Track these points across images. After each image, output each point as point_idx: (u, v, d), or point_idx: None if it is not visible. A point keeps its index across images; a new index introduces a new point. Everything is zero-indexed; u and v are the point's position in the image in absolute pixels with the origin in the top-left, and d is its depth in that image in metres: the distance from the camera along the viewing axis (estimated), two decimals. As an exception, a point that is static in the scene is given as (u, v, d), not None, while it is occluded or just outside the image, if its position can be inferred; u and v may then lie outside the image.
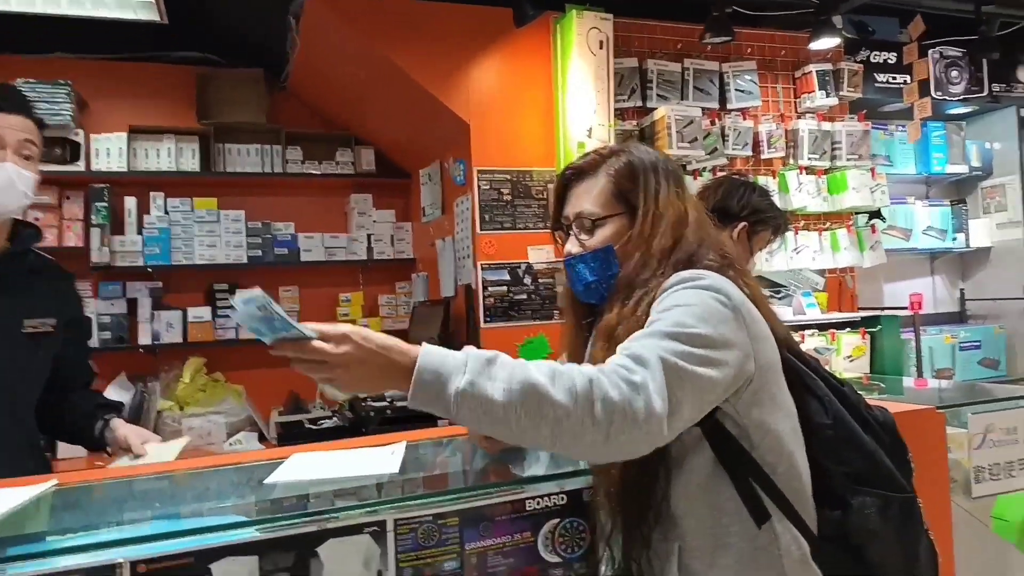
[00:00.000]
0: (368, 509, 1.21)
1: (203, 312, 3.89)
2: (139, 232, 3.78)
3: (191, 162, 3.91)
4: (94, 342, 3.64)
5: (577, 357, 1.41)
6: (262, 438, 3.56)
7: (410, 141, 3.99)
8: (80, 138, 3.67)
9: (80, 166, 3.67)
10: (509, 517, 1.28)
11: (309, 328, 1.05)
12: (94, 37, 3.75)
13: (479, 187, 3.19)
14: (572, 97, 3.18)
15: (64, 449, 3.31)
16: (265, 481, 1.44)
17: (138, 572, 1.03)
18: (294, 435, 3.32)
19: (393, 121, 3.89)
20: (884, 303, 4.48)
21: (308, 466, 1.55)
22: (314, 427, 3.42)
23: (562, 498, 1.29)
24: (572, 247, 1.34)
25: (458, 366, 0.99)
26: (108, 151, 3.74)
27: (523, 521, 1.29)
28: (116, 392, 3.48)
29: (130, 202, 3.79)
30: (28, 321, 1.74)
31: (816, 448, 1.25)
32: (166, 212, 3.85)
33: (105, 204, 3.68)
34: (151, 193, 3.84)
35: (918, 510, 1.27)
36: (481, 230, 3.20)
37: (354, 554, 1.17)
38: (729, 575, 1.17)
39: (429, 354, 1.01)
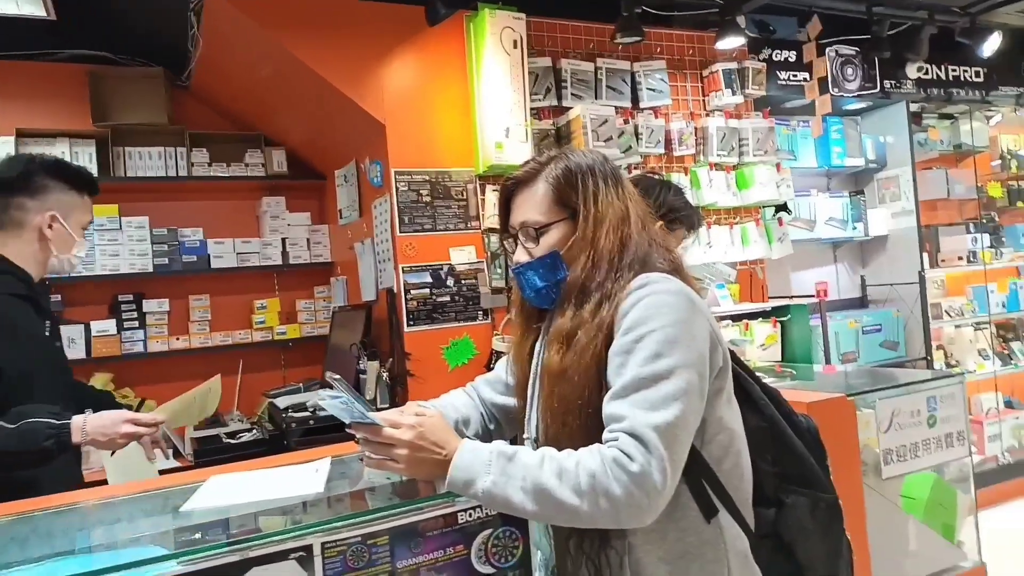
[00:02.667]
0: (293, 533, 1.16)
1: (108, 325, 3.67)
2: (32, 242, 3.54)
3: (88, 166, 3.68)
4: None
5: (524, 361, 1.43)
6: (178, 455, 3.40)
7: (323, 141, 3.89)
8: (-39, 142, 3.41)
9: (-38, 173, 3.40)
10: (441, 531, 1.27)
11: (380, 417, 1.26)
12: (-28, 34, 3.49)
13: (397, 188, 3.14)
14: (488, 97, 3.16)
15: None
16: (182, 508, 1.38)
17: (44, 620, 0.97)
18: (212, 450, 3.20)
19: (305, 121, 3.78)
20: (792, 292, 4.67)
21: (227, 489, 1.49)
22: (233, 441, 3.30)
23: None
24: (520, 256, 1.37)
25: (484, 467, 1.16)
26: (-7, 156, 3.48)
27: (455, 534, 1.28)
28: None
29: (20, 211, 3.53)
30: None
31: (752, 448, 1.30)
32: (61, 220, 3.61)
33: (-8, 213, 3.42)
34: (44, 200, 3.60)
35: (841, 511, 1.34)
36: (401, 232, 3.15)
37: None
38: (676, 568, 1.21)
39: (461, 455, 1.19)
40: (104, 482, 2.09)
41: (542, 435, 1.30)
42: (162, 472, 2.07)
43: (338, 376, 1.30)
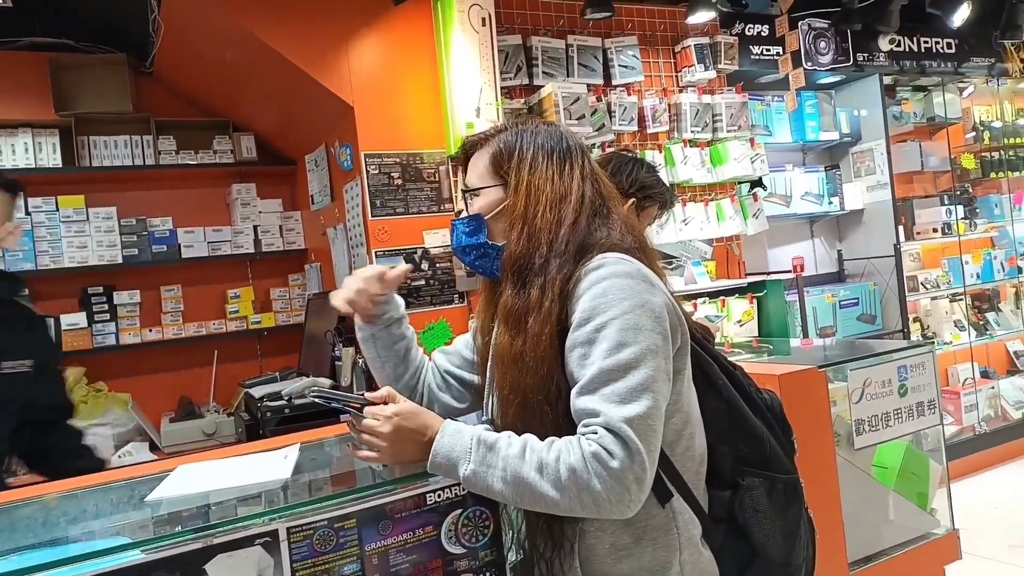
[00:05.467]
0: (258, 519, 1.16)
1: (78, 319, 3.61)
2: (-3, 236, 3.47)
3: (52, 157, 3.61)
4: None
5: (486, 334, 1.41)
6: (154, 447, 3.37)
7: (292, 126, 3.83)
8: (-82, 135, 3.32)
9: (-80, 166, 3.33)
10: (410, 513, 1.27)
11: (363, 396, 1.25)
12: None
13: (368, 171, 3.10)
14: (457, 76, 3.12)
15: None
16: (148, 498, 1.37)
17: (11, 610, 0.96)
18: (188, 442, 3.18)
19: (272, 106, 3.72)
20: (770, 268, 4.68)
21: (195, 477, 1.48)
22: (210, 432, 3.28)
23: (463, 489, 1.27)
24: (463, 212, 1.40)
25: (464, 453, 1.15)
26: (-47, 148, 3.40)
27: (425, 515, 1.28)
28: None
29: (-17, 203, 3.45)
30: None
31: (709, 431, 1.29)
32: (27, 213, 3.54)
33: (-47, 207, 3.34)
34: (7, 193, 3.52)
35: (801, 490, 1.33)
36: (373, 216, 3.11)
37: (246, 568, 1.12)
38: (627, 553, 1.20)
39: (441, 439, 1.18)
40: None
41: (499, 419, 1.29)
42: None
43: (316, 389, 1.29)
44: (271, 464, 1.49)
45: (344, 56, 3.10)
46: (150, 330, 3.76)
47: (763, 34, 4.24)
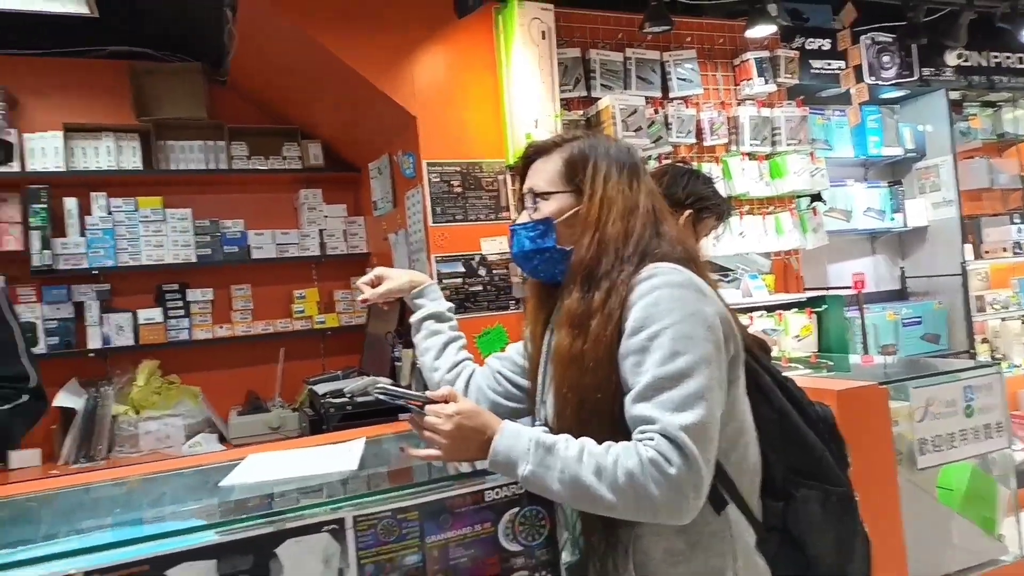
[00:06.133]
0: (326, 507, 1.20)
1: (154, 314, 3.80)
2: (82, 234, 3.67)
3: (132, 160, 3.80)
4: (41, 348, 3.55)
5: (537, 339, 1.44)
6: (222, 439, 3.52)
7: (357, 134, 3.95)
8: (12, 138, 3.54)
9: (15, 167, 3.54)
10: (469, 508, 1.29)
11: (424, 395, 1.29)
12: (22, 32, 3.62)
13: (429, 179, 3.19)
14: (517, 88, 3.19)
15: (16, 458, 3.23)
16: (221, 483, 1.44)
17: (92, 583, 1.02)
18: (255, 435, 3.31)
19: (339, 114, 3.85)
20: (829, 283, 4.61)
21: (265, 466, 1.54)
22: (275, 427, 3.40)
23: (520, 487, 1.29)
24: (522, 218, 1.40)
25: (523, 454, 1.17)
26: (43, 150, 3.61)
27: (483, 512, 1.30)
28: (67, 398, 3.40)
29: (70, 203, 3.67)
30: None
31: (762, 441, 1.29)
32: (109, 212, 3.75)
33: (44, 206, 3.56)
34: (92, 193, 3.73)
35: (855, 504, 1.33)
36: (433, 222, 3.20)
37: (313, 553, 1.17)
38: (682, 559, 1.21)
39: (501, 439, 1.20)
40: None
41: (553, 421, 1.31)
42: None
43: (381, 387, 1.32)
44: (337, 456, 1.54)
45: (408, 67, 3.20)
46: (221, 327, 3.93)
47: (824, 48, 4.20)
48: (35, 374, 1.89)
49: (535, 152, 1.41)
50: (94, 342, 3.67)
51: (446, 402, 1.26)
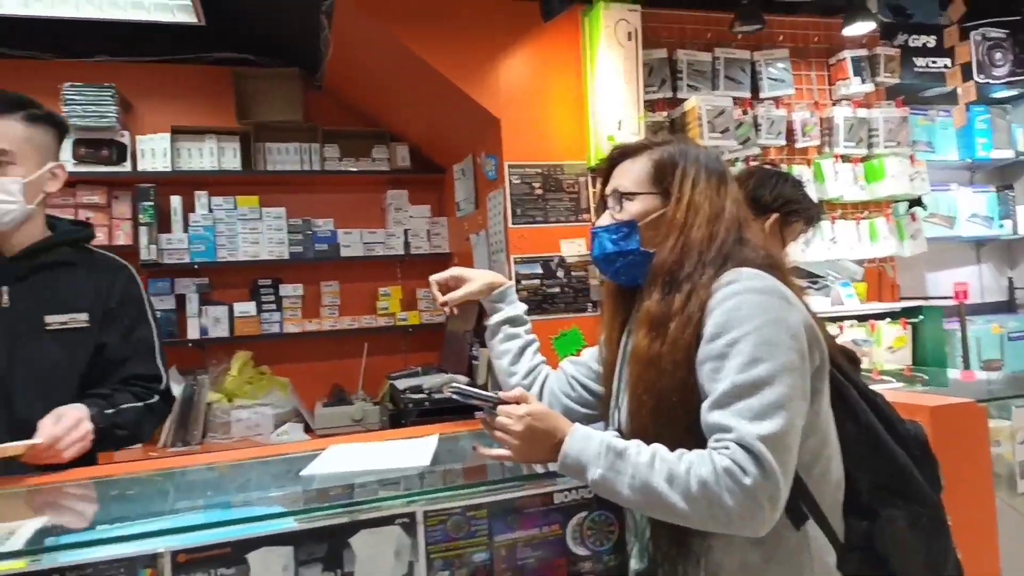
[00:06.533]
0: (399, 500, 1.23)
1: (248, 307, 3.99)
2: (185, 230, 3.90)
3: (232, 161, 4.00)
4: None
5: (613, 344, 1.44)
6: (308, 429, 3.65)
7: (443, 136, 4.03)
8: (126, 139, 3.79)
9: (127, 167, 3.79)
10: (537, 510, 1.30)
11: (497, 395, 1.30)
12: (135, 40, 3.88)
13: (510, 181, 3.22)
14: (601, 90, 3.18)
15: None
16: (302, 472, 1.48)
17: (178, 562, 1.08)
18: (338, 426, 3.44)
19: (425, 117, 3.94)
20: (927, 293, 4.38)
21: (343, 458, 1.59)
22: (358, 419, 3.51)
23: (589, 491, 1.29)
24: (602, 220, 1.39)
25: (593, 458, 1.16)
26: (153, 152, 3.85)
27: (551, 514, 1.30)
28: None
29: (175, 201, 3.90)
30: (51, 317, 1.74)
31: (846, 456, 1.25)
32: (210, 210, 3.96)
33: (151, 203, 3.79)
34: (195, 192, 3.95)
35: (947, 526, 1.27)
36: (513, 224, 3.22)
37: (385, 545, 1.20)
38: (756, 573, 1.18)
39: (571, 442, 1.20)
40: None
41: (627, 424, 1.30)
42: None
43: (454, 386, 1.32)
44: (412, 451, 1.57)
45: (493, 70, 3.24)
46: (310, 321, 4.09)
47: (929, 45, 3.98)
48: (166, 375, 1.91)
49: (621, 154, 1.40)
50: (193, 333, 3.88)
51: (518, 403, 1.27)
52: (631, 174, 1.36)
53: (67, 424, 1.58)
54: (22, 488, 1.51)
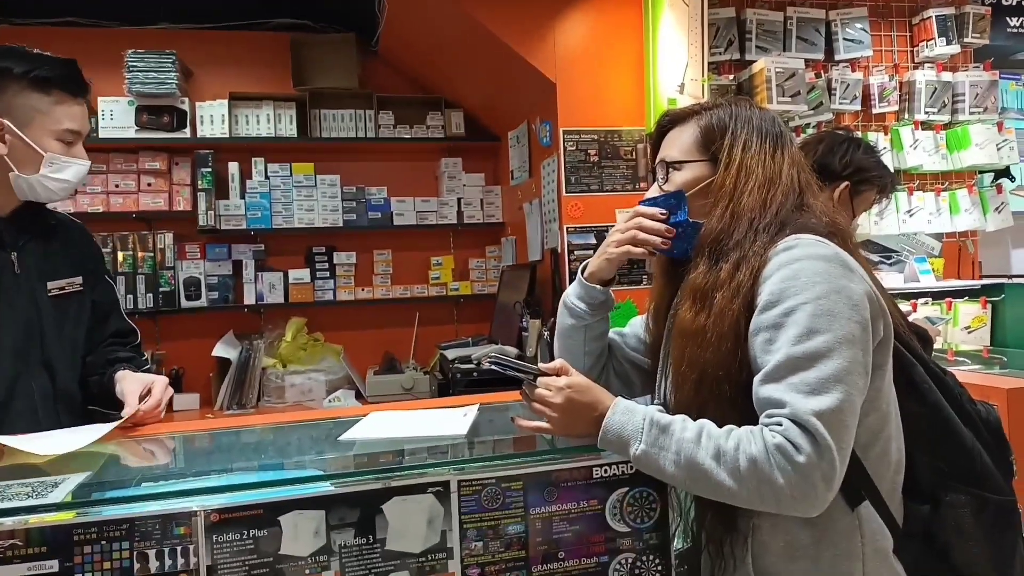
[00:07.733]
0: (432, 468, 1.22)
1: (303, 274, 4.03)
2: (242, 196, 3.95)
3: (288, 128, 4.02)
4: (203, 301, 3.86)
5: (660, 318, 1.39)
6: (359, 396, 3.69)
7: (498, 103, 3.95)
8: (186, 106, 3.84)
9: (186, 133, 3.84)
10: (576, 483, 1.26)
11: (537, 366, 1.26)
12: (196, 7, 3.90)
13: (565, 148, 3.13)
14: (663, 52, 3.04)
15: (179, 401, 3.55)
16: (340, 438, 1.49)
17: (211, 520, 1.08)
18: (388, 394, 3.46)
19: (481, 82, 3.86)
20: (1012, 270, 4.13)
21: (382, 424, 1.59)
22: (408, 387, 3.52)
23: (630, 467, 1.24)
24: (651, 191, 1.35)
25: (635, 432, 1.13)
26: (212, 118, 3.89)
27: (591, 488, 1.26)
28: (225, 349, 3.68)
29: (233, 167, 3.94)
30: (52, 283, 1.69)
31: (909, 438, 1.17)
32: (266, 177, 3.99)
33: (210, 170, 3.85)
34: (252, 159, 3.99)
35: (1017, 516, 1.19)
36: (567, 192, 3.14)
37: (418, 512, 1.18)
38: (803, 556, 1.12)
39: (613, 416, 1.16)
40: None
41: (671, 399, 1.25)
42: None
43: (494, 356, 1.28)
44: (451, 420, 1.56)
45: (550, 33, 3.14)
46: (363, 289, 4.11)
47: (1024, 3, 3.70)
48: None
49: (670, 122, 1.35)
50: (249, 298, 3.95)
51: (558, 375, 1.23)
52: (678, 142, 1.31)
53: (160, 390, 1.66)
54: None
